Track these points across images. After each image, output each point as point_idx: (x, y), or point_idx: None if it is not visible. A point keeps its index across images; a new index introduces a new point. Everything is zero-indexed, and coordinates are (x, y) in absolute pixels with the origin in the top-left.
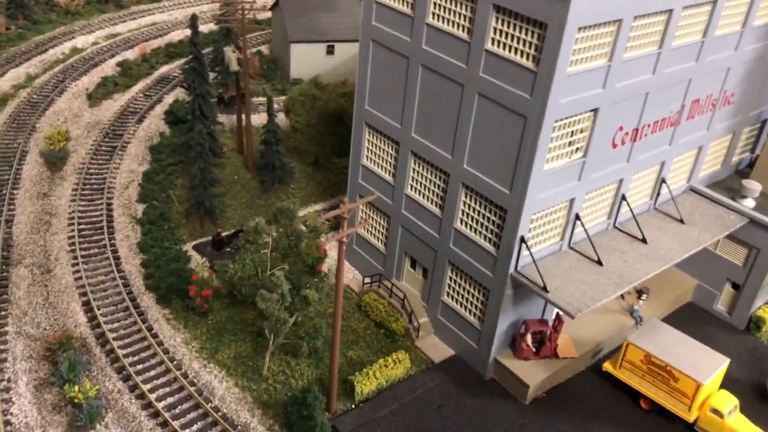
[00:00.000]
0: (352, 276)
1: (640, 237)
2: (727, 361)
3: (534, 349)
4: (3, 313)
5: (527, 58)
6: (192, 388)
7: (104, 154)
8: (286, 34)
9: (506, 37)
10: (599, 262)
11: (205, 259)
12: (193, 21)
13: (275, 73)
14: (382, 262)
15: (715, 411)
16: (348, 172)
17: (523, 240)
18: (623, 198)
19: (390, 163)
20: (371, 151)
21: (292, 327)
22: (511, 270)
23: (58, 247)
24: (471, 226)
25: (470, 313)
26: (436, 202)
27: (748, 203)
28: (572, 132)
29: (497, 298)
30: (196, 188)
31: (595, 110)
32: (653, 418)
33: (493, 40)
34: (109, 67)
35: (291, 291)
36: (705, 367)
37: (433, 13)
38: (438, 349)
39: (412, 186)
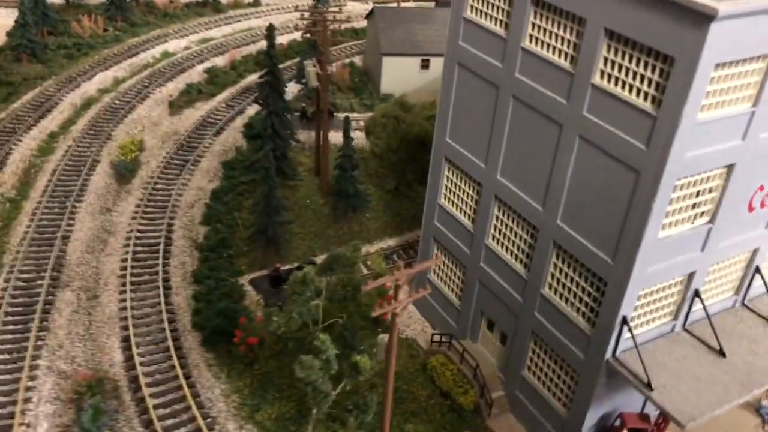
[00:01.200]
0: (420, 329)
1: None
2: None
3: None
4: (39, 342)
5: (645, 99)
6: None
7: (175, 168)
8: (379, 46)
9: (620, 71)
10: (721, 353)
11: (260, 296)
12: (269, 32)
13: (366, 87)
14: (455, 318)
15: None
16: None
17: (625, 321)
18: (757, 270)
19: (470, 206)
20: (450, 190)
21: (338, 395)
22: (608, 356)
23: (109, 270)
24: (561, 295)
25: (554, 396)
26: (521, 259)
27: None
28: (698, 192)
29: (588, 386)
30: (261, 215)
31: (731, 166)
32: None
33: (602, 72)
34: (196, 74)
35: (339, 356)
36: None
37: (531, 36)
38: None
39: (493, 236)
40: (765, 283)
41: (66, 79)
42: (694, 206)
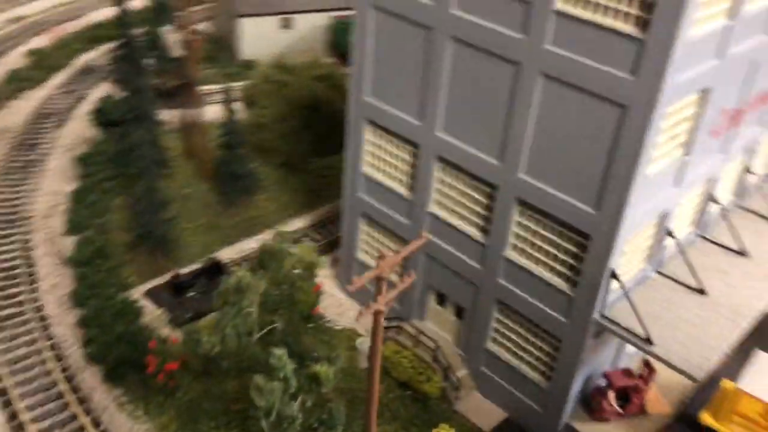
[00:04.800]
0: (353, 315)
1: (737, 248)
2: None
3: (619, 409)
4: None
5: (627, 20)
6: None
7: (16, 172)
8: (234, 7)
9: None
10: (701, 291)
11: (162, 310)
12: None
13: (222, 55)
14: (397, 298)
15: None
16: (329, 173)
17: (614, 275)
18: (712, 199)
19: (404, 171)
20: (375, 155)
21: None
22: (595, 314)
23: None
24: (531, 255)
25: (531, 367)
26: (476, 224)
27: None
28: (677, 122)
29: (574, 351)
30: (143, 214)
31: (706, 89)
32: None
33: None
34: (16, 58)
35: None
36: None
37: None
38: (486, 413)
39: (438, 202)
40: (725, 214)
41: None
42: (672, 138)
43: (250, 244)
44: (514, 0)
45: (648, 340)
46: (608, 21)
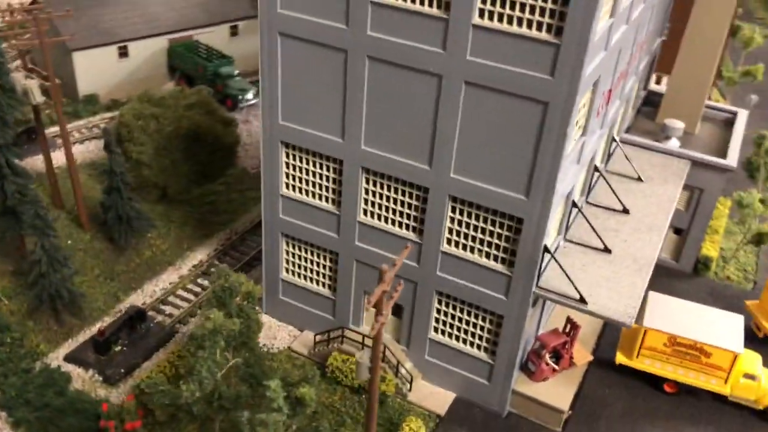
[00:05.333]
0: (286, 334)
1: (620, 208)
2: (742, 318)
3: (555, 366)
4: None
5: (541, 29)
6: None
7: None
8: (64, 42)
9: (504, 5)
10: (607, 250)
11: (92, 372)
12: None
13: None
14: (330, 309)
15: (750, 376)
16: (213, 199)
17: (547, 249)
18: (596, 169)
19: (329, 187)
20: (294, 177)
21: None
22: (534, 287)
23: None
24: (467, 246)
25: (475, 346)
26: (409, 225)
27: (674, 143)
28: (580, 109)
29: (516, 323)
30: (45, 276)
31: (598, 78)
32: (683, 400)
33: (482, 11)
34: None
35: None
36: (732, 334)
37: None
38: (437, 398)
39: (367, 211)
40: (606, 180)
41: None
42: (577, 124)
43: (157, 286)
44: (431, 18)
45: (582, 300)
46: (524, 30)
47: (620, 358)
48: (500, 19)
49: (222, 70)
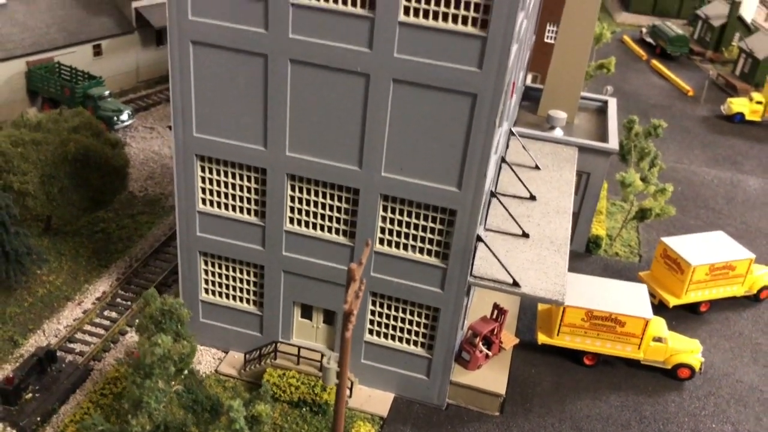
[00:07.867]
0: (210, 358)
1: (527, 195)
2: (645, 287)
3: (489, 352)
4: None
5: (467, 23)
6: None
7: None
8: None
9: (429, 1)
10: (525, 235)
11: (2, 426)
12: None
13: None
14: (257, 326)
15: (658, 339)
16: (104, 227)
17: (479, 238)
18: (503, 160)
19: (251, 199)
20: (212, 191)
21: None
22: (469, 277)
23: None
24: (400, 244)
25: (411, 343)
26: (339, 229)
27: (558, 132)
28: None
29: (453, 315)
30: None
31: (512, 67)
32: (602, 370)
33: (407, 8)
34: None
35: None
36: (640, 302)
37: None
38: (377, 400)
39: (294, 219)
40: (512, 169)
41: None
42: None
43: (60, 324)
44: (357, 18)
45: (515, 284)
46: (450, 25)
47: (542, 338)
48: (426, 16)
49: (92, 92)
